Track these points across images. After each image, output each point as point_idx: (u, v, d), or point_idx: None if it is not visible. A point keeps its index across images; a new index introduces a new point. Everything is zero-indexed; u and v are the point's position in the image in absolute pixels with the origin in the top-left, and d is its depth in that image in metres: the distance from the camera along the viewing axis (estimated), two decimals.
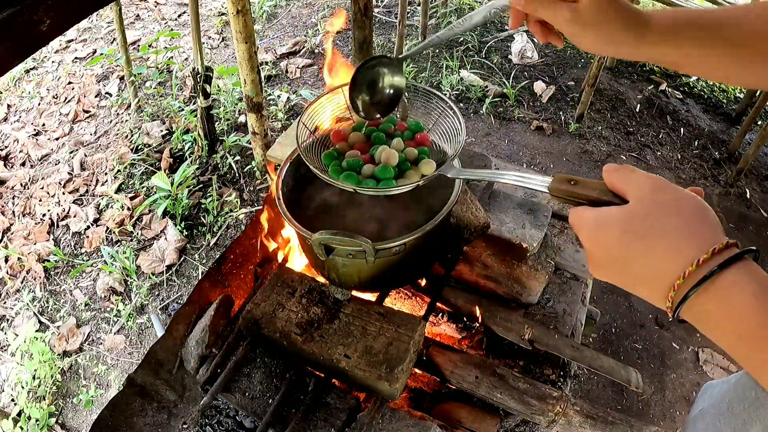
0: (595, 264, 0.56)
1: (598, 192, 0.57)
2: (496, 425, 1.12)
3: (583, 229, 0.56)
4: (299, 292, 1.14)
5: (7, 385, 2.12)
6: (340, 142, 1.11)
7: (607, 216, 0.53)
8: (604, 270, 0.55)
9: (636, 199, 0.52)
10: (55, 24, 0.61)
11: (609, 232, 0.52)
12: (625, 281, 0.54)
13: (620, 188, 0.55)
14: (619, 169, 0.56)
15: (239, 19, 2.11)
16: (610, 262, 0.53)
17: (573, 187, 0.59)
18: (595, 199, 0.57)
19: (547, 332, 1.23)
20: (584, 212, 0.56)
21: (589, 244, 0.55)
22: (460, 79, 3.39)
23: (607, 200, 0.56)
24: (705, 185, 2.88)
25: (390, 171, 0.99)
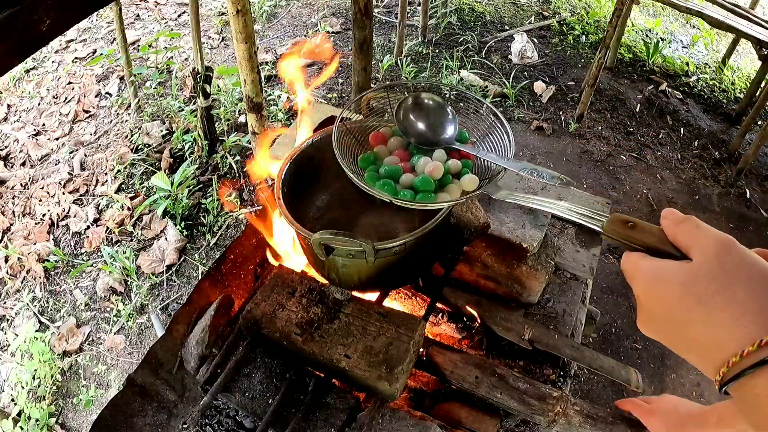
0: (647, 318, 0.52)
1: (657, 240, 0.53)
2: (496, 425, 1.12)
3: (639, 279, 0.52)
4: (299, 292, 1.14)
5: (7, 385, 2.12)
6: (379, 146, 1.06)
7: (668, 271, 0.49)
8: (656, 327, 0.52)
9: (701, 259, 0.48)
10: (55, 24, 0.61)
11: (669, 290, 0.48)
12: (676, 343, 0.50)
13: (683, 243, 0.50)
14: (683, 221, 0.51)
15: (239, 19, 2.10)
16: (665, 321, 0.50)
17: (630, 231, 0.55)
18: (652, 246, 0.53)
19: (547, 332, 1.23)
20: (642, 261, 0.52)
21: (645, 298, 0.51)
22: (460, 79, 3.39)
23: (664, 250, 0.52)
24: (705, 185, 2.89)
25: (431, 184, 0.94)
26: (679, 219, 0.51)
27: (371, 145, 1.07)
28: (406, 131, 1.02)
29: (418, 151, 1.02)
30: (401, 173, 0.97)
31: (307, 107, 1.35)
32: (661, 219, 0.53)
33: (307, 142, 1.23)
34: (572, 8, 4.23)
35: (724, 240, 0.48)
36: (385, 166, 0.99)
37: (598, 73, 2.85)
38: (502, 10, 4.15)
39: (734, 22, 2.99)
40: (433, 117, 1.04)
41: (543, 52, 3.71)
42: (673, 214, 0.52)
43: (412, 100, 1.04)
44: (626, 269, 0.54)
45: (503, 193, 0.85)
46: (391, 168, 0.98)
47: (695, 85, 3.56)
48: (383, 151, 1.05)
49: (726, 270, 0.46)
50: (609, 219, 0.58)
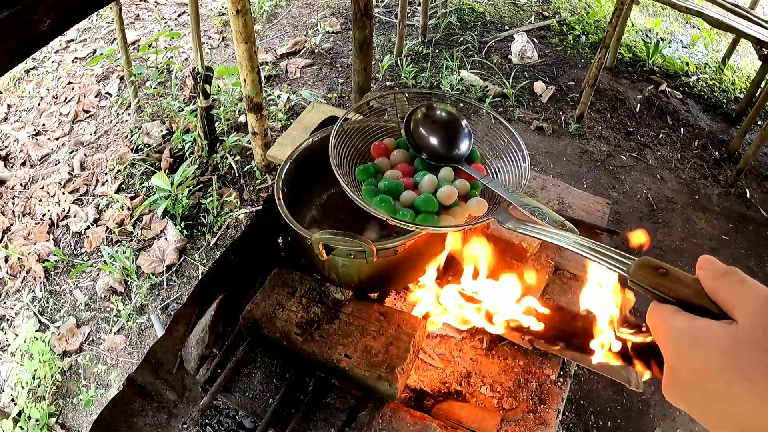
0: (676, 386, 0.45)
1: (693, 293, 0.45)
2: (496, 425, 1.12)
3: (671, 340, 0.44)
4: (299, 292, 1.14)
5: (7, 385, 2.12)
6: (381, 158, 0.98)
7: (708, 334, 0.41)
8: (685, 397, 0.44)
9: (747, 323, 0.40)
10: (55, 24, 0.61)
11: (708, 357, 0.41)
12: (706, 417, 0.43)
13: (725, 300, 0.43)
14: (725, 274, 0.44)
15: (239, 19, 2.11)
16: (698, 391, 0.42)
17: (661, 279, 0.47)
18: (686, 299, 0.46)
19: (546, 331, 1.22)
20: (676, 317, 0.44)
21: (677, 362, 0.44)
22: (460, 79, 3.39)
23: (700, 305, 0.45)
24: (705, 185, 2.89)
25: (434, 204, 0.86)
26: (721, 271, 0.44)
27: (372, 156, 0.99)
28: (415, 144, 0.95)
29: (423, 167, 0.95)
30: (402, 189, 0.89)
31: None
32: (698, 269, 0.46)
33: (307, 142, 1.23)
34: (572, 8, 4.23)
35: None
36: (385, 180, 0.91)
37: (598, 73, 2.85)
38: (502, 10, 4.15)
39: (734, 22, 2.99)
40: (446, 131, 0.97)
41: (543, 52, 3.72)
42: (713, 264, 0.45)
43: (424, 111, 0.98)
44: (655, 324, 0.47)
45: (513, 222, 0.78)
46: (392, 183, 0.90)
47: (695, 85, 3.56)
48: (385, 163, 0.97)
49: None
50: (636, 263, 0.50)
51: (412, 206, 0.88)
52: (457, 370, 1.26)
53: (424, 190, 0.90)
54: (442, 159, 0.96)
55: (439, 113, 0.99)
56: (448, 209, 0.89)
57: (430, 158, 0.96)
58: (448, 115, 1.00)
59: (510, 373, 1.24)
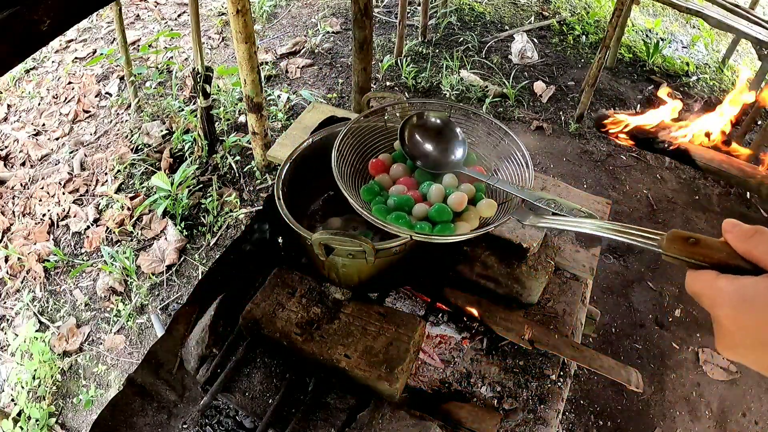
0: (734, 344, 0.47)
1: (726, 255, 0.48)
2: (496, 425, 1.12)
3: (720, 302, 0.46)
4: (299, 292, 1.14)
5: (7, 385, 2.12)
6: (381, 174, 0.97)
7: (754, 289, 0.44)
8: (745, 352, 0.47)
9: None
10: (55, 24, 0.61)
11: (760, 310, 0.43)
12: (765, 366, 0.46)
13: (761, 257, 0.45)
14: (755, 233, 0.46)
15: (239, 19, 2.11)
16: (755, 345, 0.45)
17: (693, 247, 0.50)
18: (721, 262, 0.48)
19: (547, 332, 1.22)
20: (721, 281, 0.46)
21: (731, 323, 0.46)
22: (460, 79, 3.39)
23: (735, 265, 0.47)
24: (705, 185, 2.89)
25: (448, 213, 0.85)
26: (750, 231, 0.47)
27: (371, 174, 0.98)
28: (411, 154, 0.95)
29: (424, 177, 0.94)
30: (413, 203, 0.88)
31: None
32: (725, 233, 0.48)
33: (307, 142, 1.23)
34: (572, 8, 4.23)
35: None
36: (393, 197, 0.89)
37: (598, 73, 2.85)
38: (502, 10, 4.15)
39: (734, 22, 2.99)
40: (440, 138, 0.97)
41: (543, 52, 3.71)
42: (739, 227, 0.47)
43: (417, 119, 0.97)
44: (699, 290, 0.48)
45: (533, 218, 0.77)
46: (401, 198, 0.88)
47: (695, 85, 3.56)
48: (386, 180, 0.96)
49: None
50: (667, 236, 0.52)
51: (426, 218, 0.87)
52: (457, 370, 1.26)
53: (434, 200, 0.89)
54: (440, 167, 0.95)
55: (432, 120, 0.99)
56: (460, 215, 0.88)
57: (428, 167, 0.95)
58: (441, 121, 0.99)
59: (510, 373, 1.24)
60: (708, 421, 1.98)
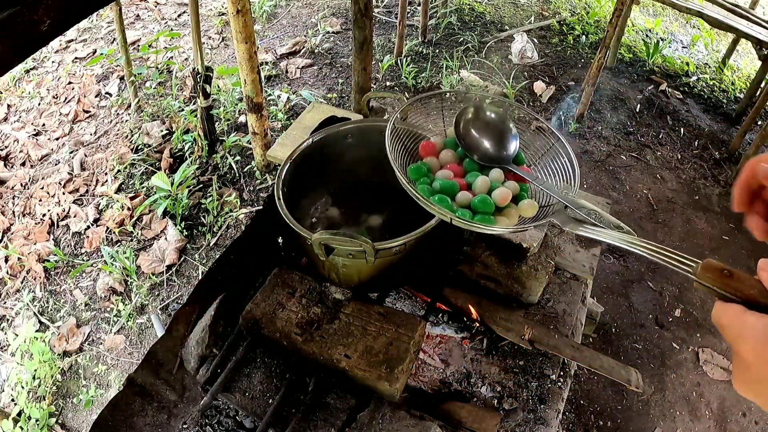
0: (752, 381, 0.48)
1: (758, 293, 0.49)
2: (496, 425, 1.12)
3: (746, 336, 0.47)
4: (299, 292, 1.14)
5: (7, 385, 2.12)
6: (430, 157, 0.99)
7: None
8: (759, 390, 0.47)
9: None
10: (55, 24, 0.61)
11: None
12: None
13: None
14: None
15: (239, 19, 2.11)
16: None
17: (727, 279, 0.51)
18: (751, 298, 0.49)
19: (547, 332, 1.22)
20: (749, 317, 0.47)
21: (753, 358, 0.46)
22: (460, 79, 3.39)
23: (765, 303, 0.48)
24: (705, 185, 2.89)
25: (491, 205, 0.87)
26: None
27: (420, 155, 1.00)
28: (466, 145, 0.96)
29: (471, 167, 0.96)
30: (458, 190, 0.90)
31: None
32: (759, 271, 0.49)
33: (307, 142, 1.23)
34: (572, 8, 4.23)
35: None
36: (439, 180, 0.92)
37: (598, 73, 2.85)
38: (502, 10, 4.15)
39: (734, 22, 2.99)
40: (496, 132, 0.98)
41: (543, 52, 3.72)
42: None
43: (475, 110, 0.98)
44: (726, 323, 0.49)
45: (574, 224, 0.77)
46: (447, 183, 0.91)
47: (695, 85, 3.56)
48: (434, 163, 0.98)
49: None
50: (702, 265, 0.53)
51: (468, 207, 0.88)
52: (457, 370, 1.26)
53: (479, 191, 0.91)
54: (491, 160, 0.96)
55: (489, 114, 1.00)
56: (501, 210, 0.89)
57: (479, 158, 0.97)
58: (497, 115, 1.00)
59: (510, 373, 1.24)
60: (708, 421, 1.98)
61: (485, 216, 0.87)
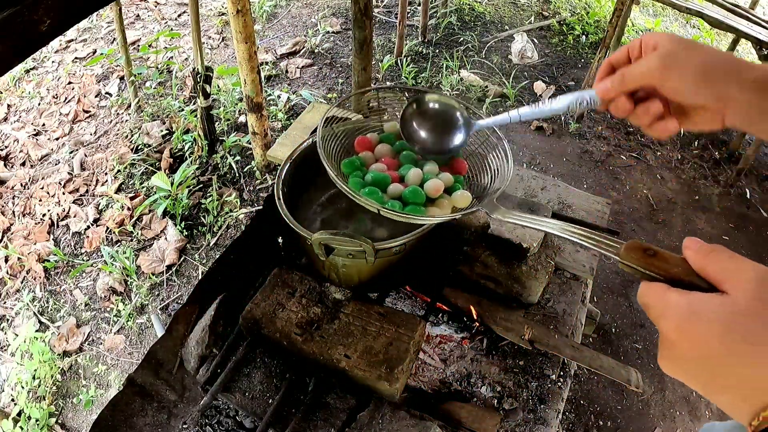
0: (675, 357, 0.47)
1: (682, 271, 0.48)
2: (496, 425, 1.12)
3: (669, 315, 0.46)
4: (299, 292, 1.14)
5: (7, 385, 2.12)
6: (365, 151, 1.01)
7: (706, 305, 0.44)
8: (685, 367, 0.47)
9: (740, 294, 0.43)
10: (55, 24, 0.61)
11: (707, 326, 0.43)
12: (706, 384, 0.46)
13: (715, 275, 0.46)
14: (712, 251, 0.47)
15: (239, 19, 2.11)
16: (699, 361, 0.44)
17: (651, 259, 0.51)
18: (676, 277, 0.48)
19: (547, 332, 1.22)
20: (671, 294, 0.47)
21: (677, 336, 0.46)
22: (460, 79, 3.39)
23: (689, 281, 0.47)
24: (705, 185, 2.89)
25: (422, 196, 0.90)
26: (708, 249, 0.47)
27: (356, 150, 1.02)
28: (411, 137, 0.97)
29: (407, 161, 0.98)
30: (389, 182, 0.92)
31: None
32: (684, 249, 0.49)
33: (307, 142, 1.23)
34: (572, 8, 4.23)
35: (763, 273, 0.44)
36: (371, 173, 0.93)
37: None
38: (502, 10, 4.15)
39: (734, 22, 2.99)
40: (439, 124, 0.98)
41: (543, 52, 3.71)
42: (698, 244, 0.48)
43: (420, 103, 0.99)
44: (649, 302, 0.49)
45: (501, 211, 0.80)
46: (378, 175, 0.92)
47: None
48: (369, 157, 1.00)
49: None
50: (626, 245, 0.53)
51: (400, 198, 0.90)
52: (457, 370, 1.26)
53: (411, 182, 0.93)
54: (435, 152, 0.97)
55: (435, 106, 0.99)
56: (434, 202, 0.91)
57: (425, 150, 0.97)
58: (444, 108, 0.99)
59: (510, 373, 1.24)
60: (708, 420, 1.98)
61: (416, 207, 0.88)
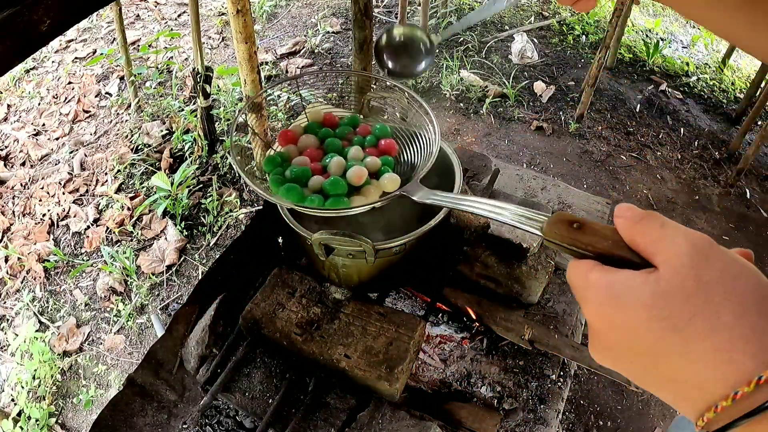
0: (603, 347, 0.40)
1: (611, 244, 0.41)
2: (496, 425, 1.12)
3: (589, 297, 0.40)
4: (299, 292, 1.14)
5: (7, 385, 2.12)
6: (288, 145, 0.95)
7: (629, 287, 0.37)
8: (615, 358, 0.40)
9: (670, 269, 0.36)
10: (55, 24, 0.61)
11: (631, 312, 0.37)
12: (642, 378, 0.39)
13: (644, 247, 0.39)
14: (642, 218, 0.39)
15: (239, 19, 2.10)
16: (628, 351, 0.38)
17: (575, 233, 0.43)
18: (605, 252, 0.41)
19: (547, 332, 1.23)
20: (592, 273, 0.40)
21: (598, 321, 0.39)
22: (460, 79, 3.39)
23: (620, 256, 0.41)
24: (705, 185, 2.89)
25: (342, 186, 0.83)
26: (638, 216, 0.40)
27: (280, 144, 0.96)
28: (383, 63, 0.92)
29: (332, 149, 0.92)
30: (310, 175, 0.86)
31: None
32: (615, 217, 0.41)
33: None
34: (572, 8, 4.23)
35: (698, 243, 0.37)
36: (292, 168, 0.87)
37: (598, 73, 2.85)
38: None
39: None
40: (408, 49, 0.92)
41: (543, 52, 3.71)
42: (630, 211, 0.41)
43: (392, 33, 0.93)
44: (574, 282, 0.42)
45: (422, 193, 0.75)
46: (298, 170, 0.86)
47: (695, 85, 3.56)
48: (292, 150, 0.94)
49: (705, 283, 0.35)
50: (550, 219, 0.45)
51: (321, 191, 0.84)
52: (457, 370, 1.26)
53: (333, 173, 0.87)
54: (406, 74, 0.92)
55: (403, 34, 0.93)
56: (360, 189, 0.85)
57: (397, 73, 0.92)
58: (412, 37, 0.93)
59: (510, 373, 1.24)
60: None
61: (337, 199, 0.82)
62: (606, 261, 0.41)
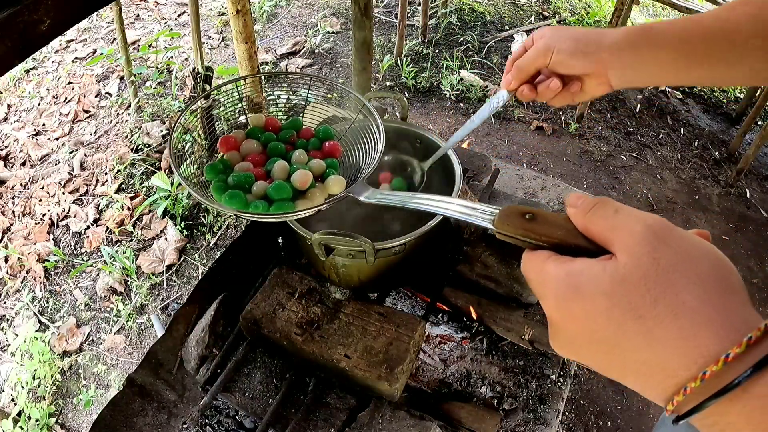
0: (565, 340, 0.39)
1: (565, 233, 0.40)
2: (496, 425, 1.12)
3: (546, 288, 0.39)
4: (299, 292, 1.14)
5: (7, 385, 2.12)
6: (230, 152, 0.94)
7: (587, 276, 0.36)
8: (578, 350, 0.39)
9: (629, 256, 0.35)
10: (55, 24, 0.61)
11: (591, 301, 0.35)
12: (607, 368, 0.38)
13: (600, 234, 0.38)
14: (595, 205, 0.38)
15: (239, 19, 2.10)
16: (590, 342, 0.37)
17: (528, 223, 0.41)
18: (560, 241, 0.40)
19: (547, 332, 1.22)
20: (548, 263, 0.39)
21: (557, 312, 0.38)
22: (460, 79, 3.39)
23: (575, 245, 0.39)
24: (705, 185, 2.89)
25: (286, 190, 0.82)
26: (590, 204, 0.39)
27: (221, 151, 0.95)
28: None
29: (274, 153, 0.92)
30: (253, 181, 0.84)
31: None
32: (567, 207, 0.41)
33: None
34: (572, 8, 4.23)
35: (655, 226, 0.36)
36: (234, 175, 0.86)
37: None
38: (502, 10, 4.15)
39: None
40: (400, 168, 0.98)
41: None
42: (582, 200, 0.40)
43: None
44: (530, 276, 0.41)
45: (368, 193, 0.75)
46: (241, 176, 0.85)
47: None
48: (235, 157, 0.93)
49: (664, 268, 0.34)
50: (501, 212, 0.44)
51: (265, 196, 0.83)
52: (457, 370, 1.26)
53: (277, 177, 0.86)
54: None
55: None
56: (305, 193, 0.84)
57: None
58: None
59: (510, 373, 1.24)
60: None
61: (281, 203, 0.81)
62: (561, 251, 0.40)
